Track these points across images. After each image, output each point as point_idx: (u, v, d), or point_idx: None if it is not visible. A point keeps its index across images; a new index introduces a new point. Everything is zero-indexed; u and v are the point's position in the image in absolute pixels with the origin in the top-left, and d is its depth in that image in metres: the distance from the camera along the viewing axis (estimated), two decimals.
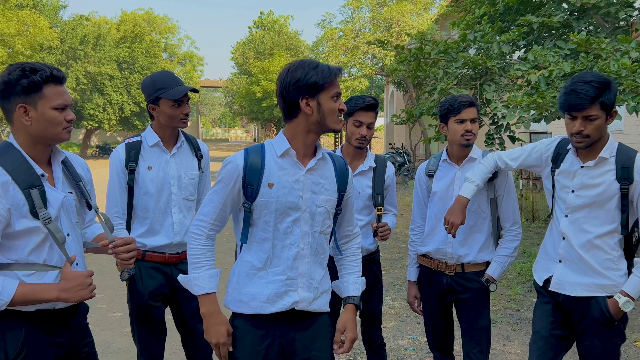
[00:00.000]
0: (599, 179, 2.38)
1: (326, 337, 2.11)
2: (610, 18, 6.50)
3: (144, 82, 2.81)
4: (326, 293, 2.14)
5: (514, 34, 6.04)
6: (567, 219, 2.47)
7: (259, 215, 2.00)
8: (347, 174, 2.15)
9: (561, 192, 2.50)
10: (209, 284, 2.01)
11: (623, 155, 2.38)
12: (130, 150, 2.80)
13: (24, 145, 1.93)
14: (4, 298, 1.79)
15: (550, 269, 2.55)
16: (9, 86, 1.87)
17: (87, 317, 2.20)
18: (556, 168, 2.53)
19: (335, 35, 24.30)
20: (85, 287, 1.90)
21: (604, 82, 2.28)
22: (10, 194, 1.84)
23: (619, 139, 10.64)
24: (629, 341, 4.42)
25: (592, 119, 2.29)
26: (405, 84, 19.87)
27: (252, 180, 1.98)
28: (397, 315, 5.17)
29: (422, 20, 21.29)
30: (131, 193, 2.81)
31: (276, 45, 40.13)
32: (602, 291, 2.41)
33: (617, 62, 4.82)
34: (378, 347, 3.22)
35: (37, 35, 26.55)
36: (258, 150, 2.03)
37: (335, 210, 2.12)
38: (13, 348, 1.88)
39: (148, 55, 38.91)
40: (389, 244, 8.36)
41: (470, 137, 2.82)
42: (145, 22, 41.10)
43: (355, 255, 2.25)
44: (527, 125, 5.37)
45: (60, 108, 1.92)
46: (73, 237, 2.03)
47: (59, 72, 1.93)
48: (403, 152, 19.03)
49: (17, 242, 1.88)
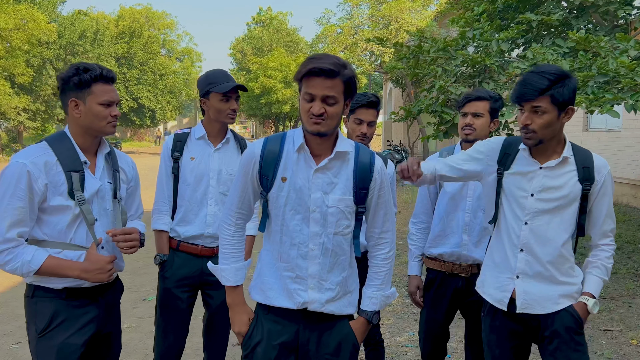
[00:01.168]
0: (561, 180, 2.18)
1: (344, 343, 2.04)
2: (609, 16, 6.51)
3: (200, 78, 2.93)
4: (350, 294, 2.07)
5: (513, 32, 6.04)
6: (527, 227, 2.20)
7: (272, 207, 2.00)
8: (370, 171, 2.01)
9: (515, 198, 2.23)
10: (234, 277, 2.06)
11: (581, 155, 2.21)
12: (177, 140, 2.93)
13: (75, 134, 2.19)
14: (32, 266, 2.04)
15: (507, 287, 2.26)
16: (64, 82, 2.14)
17: (119, 297, 2.42)
18: (505, 170, 2.26)
19: (334, 32, 24.27)
20: (104, 271, 2.13)
21: (557, 75, 2.06)
22: (53, 172, 2.09)
23: (617, 137, 10.63)
24: (625, 339, 4.44)
25: (540, 112, 2.08)
26: (404, 82, 19.87)
27: (267, 171, 1.97)
28: (395, 312, 5.19)
29: (421, 17, 21.27)
30: (176, 181, 2.93)
31: (275, 42, 40.09)
32: (567, 300, 2.22)
33: (616, 61, 4.84)
34: (376, 344, 3.22)
35: (35, 30, 26.45)
36: (278, 140, 2.00)
37: (357, 208, 2.01)
38: (42, 321, 2.12)
39: (146, 51, 38.86)
40: None
41: (470, 132, 2.77)
42: (144, 17, 41.03)
43: (378, 267, 2.11)
44: None
45: (106, 104, 2.15)
46: (102, 222, 2.22)
47: (109, 72, 2.17)
48: (401, 149, 19.04)
49: (51, 218, 2.11)
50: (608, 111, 4.76)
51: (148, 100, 38.95)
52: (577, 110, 2.06)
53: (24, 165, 2.03)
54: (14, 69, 26.26)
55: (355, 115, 2.95)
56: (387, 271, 2.14)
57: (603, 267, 2.28)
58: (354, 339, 2.07)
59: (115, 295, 2.38)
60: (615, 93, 4.82)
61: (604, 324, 4.75)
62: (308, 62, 1.87)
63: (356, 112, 2.94)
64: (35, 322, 2.13)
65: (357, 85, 1.96)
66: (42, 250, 2.07)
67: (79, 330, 2.15)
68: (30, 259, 2.04)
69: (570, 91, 2.08)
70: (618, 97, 4.75)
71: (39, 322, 2.12)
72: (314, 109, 1.86)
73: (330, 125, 1.90)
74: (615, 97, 4.76)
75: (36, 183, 2.04)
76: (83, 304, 2.18)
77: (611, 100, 4.77)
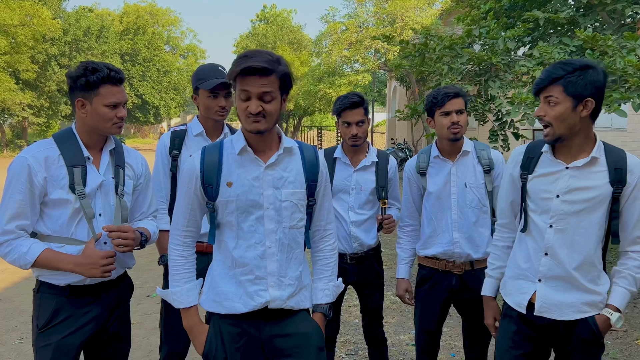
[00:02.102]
0: (589, 182, 2.07)
1: (309, 332, 2.04)
2: (616, 15, 6.47)
3: (193, 73, 2.91)
4: (305, 289, 2.09)
5: (520, 30, 6.00)
6: (552, 230, 2.11)
7: (222, 215, 1.97)
8: (317, 164, 2.05)
9: (540, 200, 2.14)
10: (187, 298, 2.02)
11: (614, 156, 2.09)
12: (175, 138, 2.88)
13: (80, 131, 2.21)
14: (28, 258, 2.06)
15: (527, 290, 2.18)
16: (73, 81, 2.14)
17: (129, 296, 2.41)
18: (529, 174, 2.19)
19: (339, 30, 24.21)
20: (98, 266, 2.09)
21: (576, 66, 1.98)
22: (54, 167, 2.11)
23: (622, 137, 10.58)
24: (630, 339, 4.42)
25: (552, 102, 2.01)
26: (409, 79, 19.81)
27: (211, 180, 1.94)
28: (399, 310, 5.17)
29: (426, 15, 21.20)
30: (174, 180, 2.88)
31: (279, 39, 40.02)
32: (591, 309, 2.11)
33: (623, 60, 4.80)
34: (379, 343, 3.22)
35: (39, 26, 26.48)
36: (215, 148, 2.00)
37: (308, 201, 2.04)
38: (44, 317, 2.13)
39: (150, 48, 38.89)
40: (390, 239, 8.36)
41: (458, 130, 2.74)
42: (148, 14, 41.04)
43: (327, 259, 2.15)
44: (532, 122, 5.34)
45: (113, 105, 2.15)
46: (106, 217, 2.22)
47: (117, 73, 2.16)
48: (405, 147, 19.02)
49: (53, 212, 2.12)
50: (615, 110, 4.73)
51: (152, 97, 38.98)
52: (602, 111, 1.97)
53: (25, 160, 2.07)
54: (19, 65, 26.31)
55: (342, 119, 2.95)
56: (335, 262, 2.17)
57: (631, 277, 2.13)
58: (318, 327, 2.06)
59: (123, 294, 2.36)
60: (622, 92, 4.79)
61: None
62: (241, 60, 1.83)
63: (342, 115, 2.94)
64: (38, 317, 2.15)
65: (293, 79, 1.93)
66: (39, 244, 2.09)
67: (78, 330, 2.15)
68: (27, 250, 2.06)
69: (588, 82, 1.97)
70: (625, 96, 4.72)
71: (40, 317, 2.14)
72: (251, 108, 1.85)
73: (270, 123, 1.90)
74: (622, 96, 4.72)
75: (36, 177, 2.07)
76: (85, 302, 2.18)
77: (618, 99, 4.74)
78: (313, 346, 2.01)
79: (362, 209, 3.03)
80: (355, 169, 3.04)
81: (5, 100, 25.02)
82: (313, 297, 2.12)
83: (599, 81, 2.00)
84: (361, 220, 3.03)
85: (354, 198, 3.03)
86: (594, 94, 2.00)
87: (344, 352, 4.16)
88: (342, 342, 4.33)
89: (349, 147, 3.05)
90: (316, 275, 2.15)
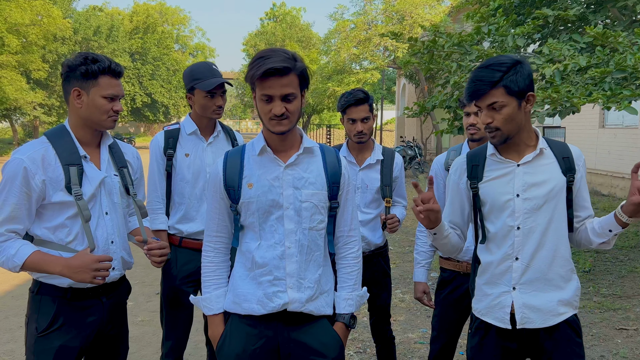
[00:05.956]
0: (544, 175, 2.03)
1: (327, 342, 1.97)
2: (627, 11, 6.41)
3: (185, 71, 2.89)
4: (326, 294, 2.02)
5: (529, 27, 5.97)
6: (520, 232, 2.02)
7: (244, 217, 1.96)
8: (339, 167, 2.02)
9: (501, 203, 2.04)
10: (215, 305, 2.02)
11: (557, 146, 2.08)
12: (169, 137, 2.87)
13: (74, 127, 2.13)
14: (16, 260, 1.99)
15: (504, 302, 2.06)
16: (70, 70, 2.07)
17: (126, 298, 2.37)
18: (479, 182, 2.08)
19: (347, 27, 24.17)
20: (88, 270, 1.97)
21: (506, 63, 1.93)
22: (51, 167, 2.03)
23: (634, 134, 10.48)
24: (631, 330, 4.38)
25: (498, 107, 1.93)
26: (418, 77, 19.76)
27: (233, 183, 1.95)
28: (407, 308, 5.17)
29: (435, 12, 21.11)
30: (169, 179, 2.89)
31: (288, 37, 40.05)
32: (567, 309, 2.06)
33: (634, 56, 4.76)
34: (387, 341, 3.22)
35: (50, 26, 26.68)
36: (237, 152, 2.01)
37: (330, 203, 2.00)
38: (44, 321, 2.06)
39: (160, 47, 39.06)
40: (398, 237, 8.35)
41: (475, 132, 2.72)
42: (158, 13, 41.21)
43: (350, 267, 2.07)
44: (542, 120, 5.31)
45: (110, 98, 2.09)
46: (112, 216, 2.18)
47: (117, 66, 2.11)
48: (414, 145, 18.97)
49: (53, 214, 2.06)
50: (625, 108, 4.69)
51: (162, 95, 39.17)
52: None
53: (21, 162, 1.99)
54: (30, 64, 26.52)
55: (347, 116, 2.94)
56: (359, 270, 2.09)
57: None
58: (338, 338, 2.00)
59: (122, 296, 2.32)
60: (633, 89, 4.75)
61: (619, 323, 4.69)
62: (259, 62, 1.80)
63: (347, 112, 2.93)
64: (37, 319, 2.07)
65: (310, 74, 1.92)
66: (28, 245, 2.02)
67: (79, 334, 2.10)
68: (15, 253, 1.98)
69: (525, 77, 1.94)
70: (636, 93, 4.68)
71: (40, 320, 2.07)
72: (275, 110, 1.83)
73: (292, 122, 1.89)
74: (633, 93, 4.68)
75: (33, 179, 1.99)
76: (86, 305, 2.13)
77: (629, 96, 4.70)
78: (330, 358, 1.97)
79: (368, 208, 3.03)
80: (360, 167, 3.04)
81: (17, 99, 25.24)
82: (335, 306, 2.05)
83: (531, 73, 1.99)
84: (368, 219, 3.03)
85: (360, 197, 3.02)
86: (531, 87, 1.97)
87: (352, 350, 4.17)
88: (350, 340, 4.34)
89: (354, 145, 3.05)
90: (339, 284, 2.08)
